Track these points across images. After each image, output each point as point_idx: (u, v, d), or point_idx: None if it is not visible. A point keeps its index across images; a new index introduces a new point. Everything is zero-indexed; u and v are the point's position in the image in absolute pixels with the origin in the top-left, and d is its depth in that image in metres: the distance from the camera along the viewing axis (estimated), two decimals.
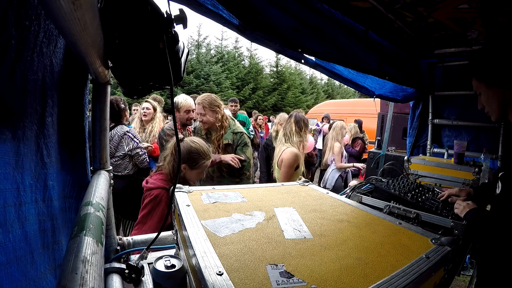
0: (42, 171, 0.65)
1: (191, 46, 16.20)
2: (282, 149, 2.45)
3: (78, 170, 0.85)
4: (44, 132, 0.66)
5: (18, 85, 0.54)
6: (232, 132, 2.30)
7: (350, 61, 1.75)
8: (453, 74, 2.70)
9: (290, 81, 18.90)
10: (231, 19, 1.19)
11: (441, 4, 1.48)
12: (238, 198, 0.98)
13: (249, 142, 2.35)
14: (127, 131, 2.61)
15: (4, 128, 0.50)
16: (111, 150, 2.53)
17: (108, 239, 0.99)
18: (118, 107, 2.61)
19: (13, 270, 0.50)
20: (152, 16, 0.63)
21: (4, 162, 0.50)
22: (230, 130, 2.31)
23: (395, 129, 4.27)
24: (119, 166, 2.58)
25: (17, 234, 0.52)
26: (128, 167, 2.65)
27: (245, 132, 2.38)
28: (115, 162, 2.56)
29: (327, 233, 0.76)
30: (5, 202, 0.50)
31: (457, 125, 2.77)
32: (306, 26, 1.42)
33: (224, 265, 0.55)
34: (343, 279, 0.55)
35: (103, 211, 0.63)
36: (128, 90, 0.73)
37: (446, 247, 0.72)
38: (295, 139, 2.42)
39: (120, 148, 2.58)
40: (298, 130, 2.44)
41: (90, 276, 0.40)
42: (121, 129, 2.61)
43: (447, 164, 2.11)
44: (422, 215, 1.24)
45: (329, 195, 1.13)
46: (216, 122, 2.27)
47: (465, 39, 2.06)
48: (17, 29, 0.51)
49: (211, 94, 2.40)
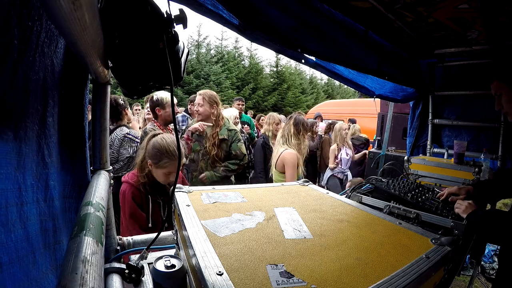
0: (43, 171, 0.65)
1: (191, 46, 16.20)
2: (280, 151, 2.44)
3: (78, 170, 0.86)
4: (45, 132, 0.66)
5: (20, 85, 0.54)
6: (227, 129, 2.44)
7: (350, 61, 1.75)
8: (453, 74, 2.70)
9: (290, 81, 18.90)
10: (231, 19, 1.19)
11: (441, 4, 1.48)
12: (238, 198, 0.98)
13: (242, 139, 2.51)
14: (127, 133, 2.54)
15: (6, 128, 0.50)
16: (114, 155, 2.47)
17: (108, 239, 0.99)
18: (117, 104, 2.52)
19: (15, 270, 0.50)
20: (152, 16, 0.63)
21: (6, 162, 0.50)
22: (225, 127, 2.46)
23: (395, 129, 4.27)
24: (123, 168, 2.51)
25: (19, 234, 0.52)
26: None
27: (238, 130, 2.54)
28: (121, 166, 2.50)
29: (327, 233, 0.76)
30: (7, 202, 0.50)
31: (457, 125, 2.77)
32: (306, 26, 1.42)
33: (224, 265, 0.55)
34: (343, 279, 0.55)
35: (103, 211, 0.63)
36: (128, 90, 0.73)
37: (446, 247, 0.72)
38: (293, 141, 2.42)
39: (124, 152, 2.50)
40: (297, 132, 2.44)
41: (90, 276, 0.40)
42: (120, 131, 2.53)
43: (447, 164, 2.11)
44: (422, 215, 1.24)
45: (329, 195, 1.13)
46: (211, 116, 2.41)
47: (465, 39, 2.06)
48: (20, 29, 0.51)
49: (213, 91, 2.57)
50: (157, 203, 1.50)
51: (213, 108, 2.44)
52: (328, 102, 11.08)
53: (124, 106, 2.63)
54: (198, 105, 2.45)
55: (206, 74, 15.43)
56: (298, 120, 2.47)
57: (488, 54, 2.16)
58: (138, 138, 2.62)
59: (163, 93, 2.45)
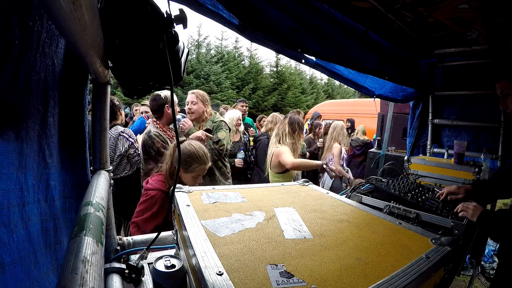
0: (44, 171, 0.65)
1: (191, 46, 16.18)
2: (273, 150, 2.43)
3: (78, 170, 0.86)
4: (46, 132, 0.66)
5: (21, 85, 0.54)
6: (211, 121, 2.57)
7: (350, 61, 1.75)
8: (453, 74, 2.70)
9: (290, 81, 18.88)
10: (231, 19, 1.19)
11: (441, 4, 1.48)
12: (238, 198, 0.98)
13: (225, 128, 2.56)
14: (122, 131, 2.56)
15: (7, 129, 0.50)
16: (110, 154, 2.47)
17: (108, 239, 0.99)
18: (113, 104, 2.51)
19: (17, 270, 0.50)
20: (152, 16, 0.63)
21: (8, 163, 0.50)
22: (210, 120, 2.59)
23: (395, 129, 4.26)
24: (117, 168, 2.54)
25: (21, 235, 0.52)
26: (127, 168, 2.62)
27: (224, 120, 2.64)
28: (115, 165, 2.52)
29: (327, 233, 0.76)
30: (9, 203, 0.50)
31: (457, 125, 2.77)
32: (306, 26, 1.42)
33: (224, 265, 0.55)
34: (343, 279, 0.55)
35: (103, 211, 0.63)
36: (128, 90, 0.73)
37: (446, 247, 0.72)
38: (288, 141, 2.41)
39: (117, 150, 2.54)
40: (292, 131, 2.43)
41: (90, 276, 0.40)
42: (115, 130, 2.55)
43: (447, 164, 2.11)
44: (422, 215, 1.24)
45: (329, 195, 1.13)
46: (202, 115, 2.55)
47: (465, 39, 2.06)
48: (21, 29, 0.51)
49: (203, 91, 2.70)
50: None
51: (205, 106, 2.56)
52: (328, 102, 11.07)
53: (119, 107, 2.66)
54: (191, 103, 2.50)
55: (206, 74, 15.42)
56: (293, 119, 2.45)
57: (488, 54, 2.16)
58: (132, 137, 2.63)
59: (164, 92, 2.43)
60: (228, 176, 2.65)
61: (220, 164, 2.56)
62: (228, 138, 2.54)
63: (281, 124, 2.54)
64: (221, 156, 2.47)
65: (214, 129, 2.50)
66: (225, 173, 2.60)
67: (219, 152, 2.44)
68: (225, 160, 2.64)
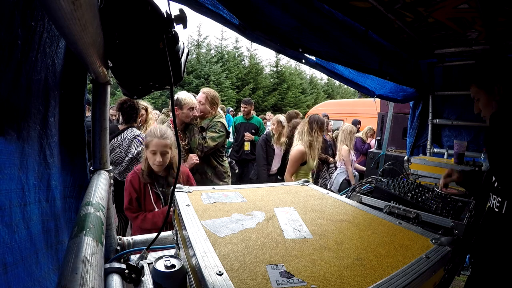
0: (45, 171, 0.65)
1: (191, 46, 16.19)
2: (293, 147, 2.69)
3: (78, 170, 0.86)
4: (47, 132, 0.66)
5: (23, 85, 0.54)
6: (209, 120, 2.56)
7: (351, 61, 1.75)
8: (453, 74, 2.71)
9: (290, 81, 18.89)
10: (231, 19, 1.19)
11: (441, 4, 1.48)
12: (238, 198, 0.98)
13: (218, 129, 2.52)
14: (138, 135, 2.56)
15: (9, 129, 0.50)
16: (121, 155, 2.50)
17: (108, 239, 0.99)
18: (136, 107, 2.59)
19: (19, 270, 0.50)
20: (152, 16, 0.63)
21: (10, 163, 0.50)
22: (209, 119, 2.57)
23: (395, 129, 4.26)
24: (125, 171, 2.51)
25: (22, 235, 0.52)
26: None
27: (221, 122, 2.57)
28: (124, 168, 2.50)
29: (327, 233, 0.76)
30: (11, 203, 0.50)
31: (457, 125, 2.77)
32: (307, 26, 1.42)
33: (224, 265, 0.55)
34: (343, 279, 0.55)
35: (103, 211, 0.63)
36: (128, 90, 0.73)
37: (446, 247, 0.72)
38: (306, 138, 2.66)
39: (129, 153, 2.54)
40: (310, 130, 2.67)
41: (90, 276, 0.40)
42: (131, 132, 2.56)
43: (447, 164, 2.11)
44: (422, 215, 1.24)
45: (329, 195, 1.13)
46: (205, 115, 2.55)
47: (465, 39, 2.06)
48: (23, 29, 0.51)
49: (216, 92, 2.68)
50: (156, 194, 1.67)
51: (212, 109, 2.55)
52: (328, 102, 11.05)
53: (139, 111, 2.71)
54: (199, 103, 2.48)
55: (206, 74, 15.43)
56: (313, 119, 2.70)
57: (488, 54, 2.16)
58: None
59: (183, 93, 2.47)
60: (224, 176, 2.61)
61: (215, 163, 2.53)
62: (221, 139, 2.49)
63: (302, 124, 2.78)
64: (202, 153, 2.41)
65: (208, 128, 2.51)
66: (221, 173, 2.57)
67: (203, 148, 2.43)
68: (222, 160, 2.61)
